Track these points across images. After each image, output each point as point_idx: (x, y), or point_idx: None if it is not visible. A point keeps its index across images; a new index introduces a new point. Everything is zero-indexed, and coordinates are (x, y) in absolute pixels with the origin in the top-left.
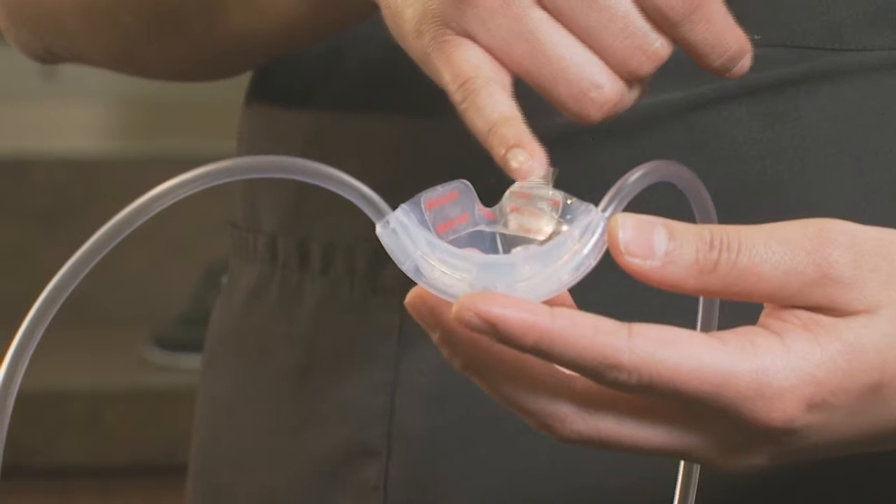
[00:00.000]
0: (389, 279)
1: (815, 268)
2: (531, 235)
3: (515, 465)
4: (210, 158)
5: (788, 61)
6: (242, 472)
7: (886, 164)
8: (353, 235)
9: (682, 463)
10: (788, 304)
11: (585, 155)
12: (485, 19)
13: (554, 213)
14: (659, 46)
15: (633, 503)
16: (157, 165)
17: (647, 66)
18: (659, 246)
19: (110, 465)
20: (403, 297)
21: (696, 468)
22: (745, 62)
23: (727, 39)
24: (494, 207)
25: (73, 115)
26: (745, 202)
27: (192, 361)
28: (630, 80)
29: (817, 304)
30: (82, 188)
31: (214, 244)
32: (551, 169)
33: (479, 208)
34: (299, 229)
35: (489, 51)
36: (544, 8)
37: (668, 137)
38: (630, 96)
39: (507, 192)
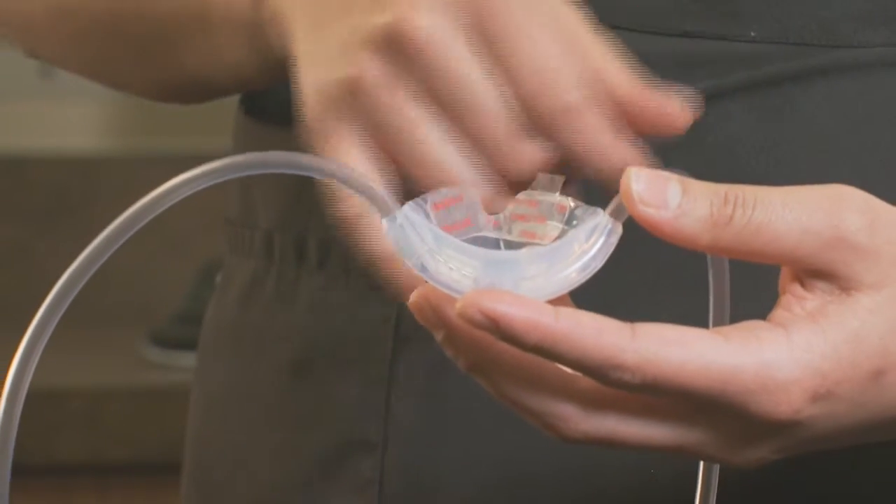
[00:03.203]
0: None
1: (832, 229)
2: (535, 241)
3: (510, 459)
4: (208, 156)
5: (784, 57)
6: (238, 468)
7: (881, 159)
8: None
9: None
10: (803, 265)
11: None
12: (370, 113)
13: (560, 219)
14: (530, 151)
15: (626, 490)
16: (155, 164)
17: (524, 169)
18: (672, 198)
19: (108, 463)
20: None
21: (716, 466)
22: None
23: (601, 150)
24: (499, 215)
25: (71, 113)
26: None
27: (190, 359)
28: (509, 180)
29: (832, 268)
30: (80, 187)
31: (212, 242)
32: (557, 176)
33: (482, 215)
34: (296, 225)
35: (374, 142)
36: (426, 106)
37: None
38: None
39: (512, 202)
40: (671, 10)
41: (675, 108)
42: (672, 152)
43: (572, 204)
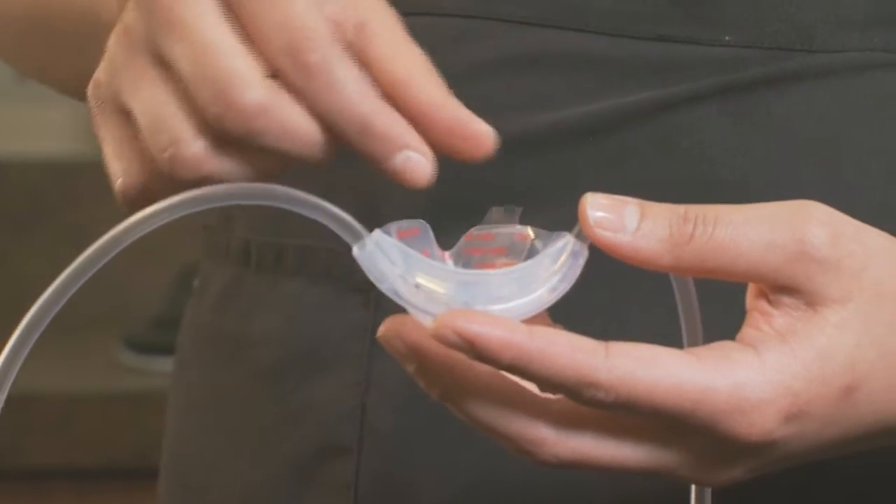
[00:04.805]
0: (363, 278)
1: (796, 243)
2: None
3: (486, 465)
4: None
5: (759, 62)
6: (215, 472)
7: (856, 164)
8: (327, 237)
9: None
10: (768, 281)
11: (557, 157)
12: None
13: (521, 248)
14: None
15: (602, 495)
16: None
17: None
18: (630, 221)
19: (82, 467)
20: (377, 295)
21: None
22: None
23: (357, 113)
24: (452, 250)
25: (48, 117)
26: (715, 201)
27: (165, 364)
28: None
29: (796, 283)
30: (57, 190)
31: (187, 247)
32: (514, 207)
33: (437, 249)
34: (274, 231)
35: None
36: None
37: (639, 137)
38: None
39: (464, 237)
40: (646, 13)
41: (480, 130)
42: (645, 156)
43: (532, 234)
